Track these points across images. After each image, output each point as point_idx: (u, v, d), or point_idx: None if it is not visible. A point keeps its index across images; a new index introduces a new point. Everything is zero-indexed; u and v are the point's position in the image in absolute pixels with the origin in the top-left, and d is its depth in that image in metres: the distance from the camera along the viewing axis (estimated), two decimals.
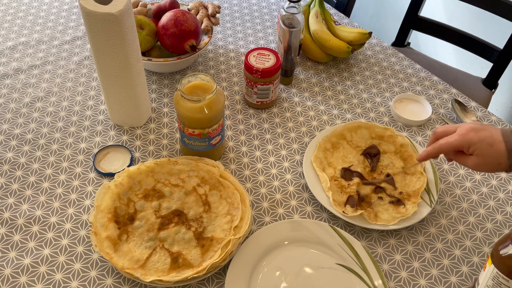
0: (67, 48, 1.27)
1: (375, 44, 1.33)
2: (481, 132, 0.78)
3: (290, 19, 1.10)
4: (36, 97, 1.14)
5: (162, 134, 1.07)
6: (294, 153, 1.05)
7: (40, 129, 1.07)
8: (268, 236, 0.88)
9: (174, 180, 0.93)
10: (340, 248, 0.87)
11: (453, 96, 1.19)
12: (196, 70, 1.23)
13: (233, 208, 0.89)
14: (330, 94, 1.18)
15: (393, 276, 0.87)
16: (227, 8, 1.42)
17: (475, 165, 0.79)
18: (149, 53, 1.16)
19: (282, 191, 0.98)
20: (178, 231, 0.87)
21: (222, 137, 0.99)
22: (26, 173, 0.99)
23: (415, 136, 1.09)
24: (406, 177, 0.98)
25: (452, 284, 0.86)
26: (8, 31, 1.31)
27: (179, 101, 0.91)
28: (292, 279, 0.84)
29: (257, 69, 1.05)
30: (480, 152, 0.78)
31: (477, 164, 0.79)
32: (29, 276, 0.85)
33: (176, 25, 1.10)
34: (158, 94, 1.16)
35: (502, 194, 0.99)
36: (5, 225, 0.91)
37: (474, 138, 0.78)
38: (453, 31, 1.53)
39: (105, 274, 0.85)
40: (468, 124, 0.80)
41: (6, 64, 1.22)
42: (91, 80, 1.19)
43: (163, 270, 0.82)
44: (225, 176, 0.94)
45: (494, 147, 0.77)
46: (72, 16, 1.37)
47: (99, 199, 0.89)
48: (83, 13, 0.89)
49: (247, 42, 1.31)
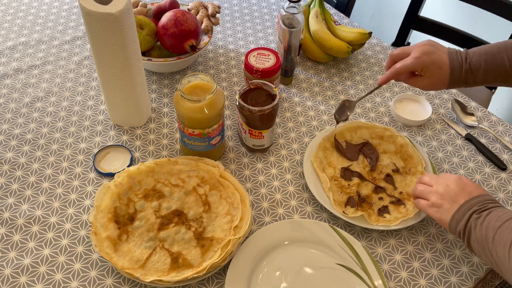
0: (67, 48, 1.27)
1: (375, 44, 1.33)
2: (432, 56, 0.87)
3: (290, 19, 1.10)
4: (36, 97, 1.14)
5: (162, 134, 1.07)
6: (294, 153, 1.05)
7: (40, 129, 1.07)
8: (268, 236, 0.88)
9: (174, 180, 0.93)
10: (340, 248, 0.87)
11: (453, 96, 1.19)
12: (196, 70, 1.23)
13: (233, 208, 0.89)
14: (330, 94, 1.18)
15: (393, 276, 0.87)
16: (227, 8, 1.42)
17: (425, 85, 0.90)
18: (149, 53, 1.16)
19: (282, 191, 0.98)
20: (178, 231, 0.87)
21: (222, 137, 0.99)
22: (26, 173, 0.99)
23: (415, 136, 1.09)
24: (407, 177, 0.98)
25: (452, 284, 0.86)
26: (8, 31, 1.31)
27: (179, 101, 0.91)
28: (292, 279, 0.84)
29: (257, 69, 1.05)
30: (431, 74, 0.88)
31: (427, 84, 0.90)
32: (29, 276, 0.85)
33: (176, 25, 1.10)
34: (158, 94, 1.16)
35: (502, 194, 0.99)
36: (5, 225, 0.91)
37: (427, 61, 0.87)
38: (453, 31, 1.53)
39: (105, 274, 0.85)
40: (422, 47, 0.88)
41: (6, 64, 1.22)
42: (91, 80, 1.19)
43: (163, 270, 0.82)
44: (225, 176, 0.94)
45: (442, 69, 0.87)
46: (72, 16, 1.37)
47: (99, 199, 0.89)
48: (83, 13, 0.89)
49: (247, 42, 1.31)
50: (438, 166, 1.03)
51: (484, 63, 0.87)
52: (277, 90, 0.97)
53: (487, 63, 0.87)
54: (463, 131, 1.10)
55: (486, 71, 0.87)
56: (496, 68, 0.87)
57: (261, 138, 1.00)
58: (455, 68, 0.88)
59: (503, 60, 0.86)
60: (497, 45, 0.89)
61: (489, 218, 0.72)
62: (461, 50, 0.89)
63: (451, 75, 0.88)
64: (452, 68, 0.88)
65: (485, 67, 0.87)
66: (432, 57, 0.88)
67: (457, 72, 0.88)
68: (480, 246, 0.73)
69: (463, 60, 0.88)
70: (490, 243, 0.71)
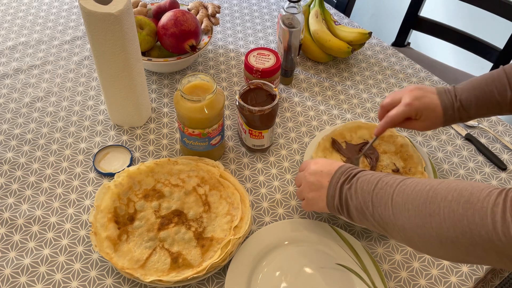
0: (67, 48, 1.27)
1: (375, 44, 1.33)
2: (423, 99, 0.88)
3: (290, 19, 1.10)
4: (36, 97, 1.14)
5: (162, 134, 1.07)
6: (294, 153, 1.05)
7: (40, 129, 1.07)
8: (268, 236, 0.88)
9: (174, 180, 0.93)
10: (340, 248, 0.87)
11: None
12: (196, 70, 1.23)
13: (233, 208, 0.89)
14: (330, 94, 1.18)
15: (393, 276, 0.87)
16: (227, 8, 1.42)
17: (422, 127, 0.91)
18: (149, 53, 1.16)
19: (282, 191, 0.98)
20: (178, 231, 0.87)
21: (222, 137, 0.99)
22: (26, 173, 0.99)
23: (415, 136, 1.09)
24: None
25: (452, 284, 0.86)
26: (8, 31, 1.31)
27: (179, 101, 0.91)
28: (292, 279, 0.84)
29: (257, 69, 1.05)
30: (426, 117, 0.89)
31: (423, 127, 0.91)
32: (29, 276, 0.85)
33: (176, 25, 1.10)
34: (158, 94, 1.16)
35: None
36: (5, 225, 0.91)
37: (419, 106, 0.88)
38: (453, 31, 1.53)
39: (105, 274, 0.85)
40: (411, 92, 0.89)
41: (6, 64, 1.22)
42: (91, 80, 1.19)
43: (163, 270, 0.82)
44: (225, 176, 0.94)
45: (435, 111, 0.88)
46: (72, 16, 1.37)
47: (99, 199, 0.89)
48: (83, 13, 0.89)
49: (247, 42, 1.31)
50: (438, 166, 1.03)
51: (475, 98, 0.87)
52: (277, 90, 0.97)
53: (477, 98, 0.87)
54: (463, 131, 1.10)
55: (478, 106, 0.87)
56: (487, 102, 0.87)
57: (261, 138, 1.00)
58: (448, 108, 0.88)
59: (493, 93, 0.86)
60: (484, 77, 0.88)
61: (360, 184, 0.73)
62: (449, 88, 0.89)
63: (444, 115, 0.88)
64: (445, 108, 0.88)
65: (476, 102, 0.87)
66: (423, 101, 0.88)
67: (450, 111, 0.88)
68: (361, 213, 0.73)
69: (454, 99, 0.88)
70: (370, 208, 0.71)
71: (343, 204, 0.76)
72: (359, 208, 0.73)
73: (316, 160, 0.84)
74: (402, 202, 0.66)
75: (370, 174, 0.74)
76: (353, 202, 0.74)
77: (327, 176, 0.80)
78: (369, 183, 0.72)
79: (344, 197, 0.75)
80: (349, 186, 0.75)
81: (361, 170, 0.77)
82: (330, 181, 0.78)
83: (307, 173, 0.83)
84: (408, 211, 0.65)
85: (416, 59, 1.45)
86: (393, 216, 0.67)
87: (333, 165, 0.80)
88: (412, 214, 0.64)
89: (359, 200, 0.73)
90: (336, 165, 0.80)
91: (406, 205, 0.66)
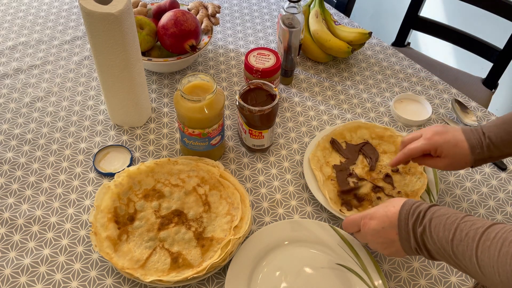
0: (67, 48, 1.27)
1: (375, 44, 1.33)
2: (445, 135, 0.84)
3: (290, 19, 1.10)
4: (36, 97, 1.14)
5: (162, 134, 1.07)
6: (294, 153, 1.05)
7: (40, 129, 1.07)
8: (268, 236, 0.88)
9: (174, 180, 0.93)
10: (340, 248, 0.87)
11: (453, 96, 1.19)
12: (196, 70, 1.23)
13: (233, 208, 0.89)
14: (330, 94, 1.18)
15: (393, 276, 0.87)
16: (227, 8, 1.42)
17: (445, 165, 0.85)
18: (149, 53, 1.16)
19: (282, 191, 0.98)
20: (178, 231, 0.87)
21: (222, 137, 0.99)
22: (26, 173, 0.99)
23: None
24: (406, 177, 0.98)
25: (452, 284, 0.86)
26: (8, 31, 1.31)
27: (179, 101, 0.91)
28: (292, 279, 0.84)
29: (257, 69, 1.05)
30: (447, 153, 0.83)
31: (447, 164, 0.85)
32: (29, 276, 0.85)
33: (176, 25, 1.10)
34: (158, 94, 1.16)
35: (502, 194, 0.99)
36: (5, 225, 0.91)
37: (439, 140, 0.83)
38: (453, 31, 1.53)
39: (105, 274, 0.85)
40: (432, 128, 0.86)
41: (6, 64, 1.22)
42: (91, 80, 1.19)
43: (163, 270, 0.82)
44: (225, 176, 0.94)
45: (458, 147, 0.83)
46: (72, 16, 1.37)
47: (99, 199, 0.89)
48: (83, 13, 0.89)
49: (247, 42, 1.31)
50: None
51: (505, 133, 0.82)
52: (277, 90, 0.97)
53: (508, 134, 0.82)
54: None
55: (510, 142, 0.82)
56: None
57: (261, 138, 1.00)
58: (475, 146, 0.83)
59: None
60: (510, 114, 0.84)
61: (435, 230, 0.68)
62: (476, 127, 0.85)
63: (472, 153, 0.83)
64: (472, 146, 0.82)
65: (508, 138, 0.82)
66: (444, 136, 0.84)
67: (478, 150, 0.83)
68: (444, 258, 0.68)
69: (481, 136, 0.83)
70: (453, 258, 0.66)
71: (421, 247, 0.71)
72: (440, 253, 0.68)
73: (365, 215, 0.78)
74: (490, 264, 0.61)
75: (442, 215, 0.69)
76: (432, 247, 0.69)
77: (391, 229, 0.74)
78: (445, 229, 0.67)
79: (420, 241, 0.70)
80: (422, 229, 0.69)
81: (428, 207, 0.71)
82: (399, 233, 0.73)
83: (369, 236, 0.77)
84: (499, 275, 0.60)
85: (416, 59, 1.45)
86: (483, 276, 0.63)
87: (388, 215, 0.74)
88: (505, 280, 0.60)
89: (437, 246, 0.68)
90: (391, 212, 0.74)
91: (495, 268, 0.61)
